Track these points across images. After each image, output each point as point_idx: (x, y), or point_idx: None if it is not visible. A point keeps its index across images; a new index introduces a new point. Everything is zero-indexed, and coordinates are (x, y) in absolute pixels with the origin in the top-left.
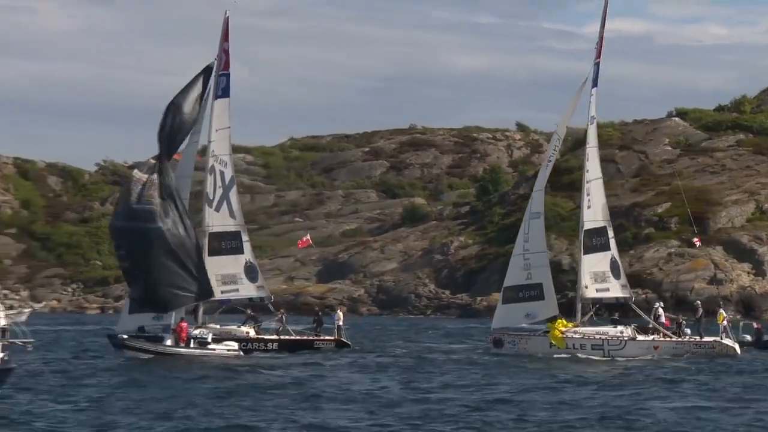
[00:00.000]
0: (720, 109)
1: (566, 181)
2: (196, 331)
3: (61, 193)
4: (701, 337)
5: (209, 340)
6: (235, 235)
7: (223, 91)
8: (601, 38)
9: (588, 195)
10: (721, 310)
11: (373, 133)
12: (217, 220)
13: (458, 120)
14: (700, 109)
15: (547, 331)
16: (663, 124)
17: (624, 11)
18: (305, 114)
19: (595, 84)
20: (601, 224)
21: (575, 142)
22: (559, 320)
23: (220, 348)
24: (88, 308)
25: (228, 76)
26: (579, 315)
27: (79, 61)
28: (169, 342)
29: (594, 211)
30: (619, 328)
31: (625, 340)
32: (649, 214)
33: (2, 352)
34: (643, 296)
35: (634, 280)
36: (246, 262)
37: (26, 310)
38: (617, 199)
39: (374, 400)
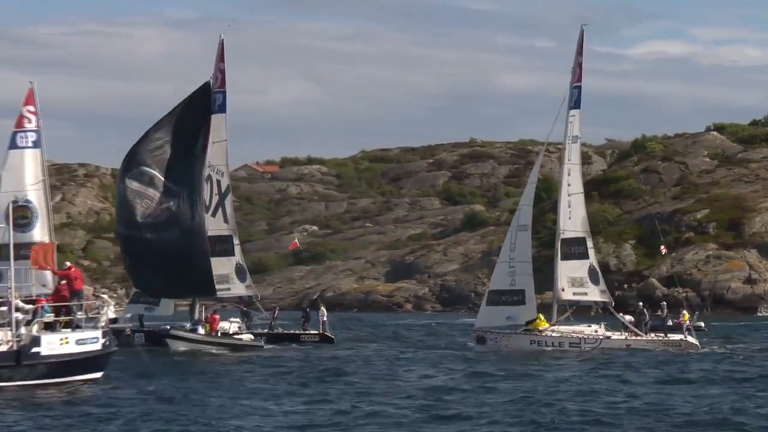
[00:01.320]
0: (754, 123)
1: (613, 190)
2: (224, 323)
3: None
4: (665, 335)
5: (237, 330)
6: (228, 239)
7: (219, 107)
8: (579, 65)
9: (569, 207)
10: (684, 311)
11: (436, 146)
12: (213, 225)
13: (514, 134)
14: (736, 123)
15: (528, 329)
16: (702, 137)
17: (666, 35)
18: (375, 129)
19: (577, 105)
20: (580, 235)
21: (621, 155)
22: (539, 319)
23: (246, 337)
24: (179, 305)
25: (224, 93)
26: (555, 315)
27: (167, 81)
28: (202, 332)
29: (574, 222)
30: (593, 327)
31: (600, 338)
32: (689, 219)
33: (104, 338)
34: (684, 294)
35: (675, 280)
36: (236, 264)
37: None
38: (660, 206)
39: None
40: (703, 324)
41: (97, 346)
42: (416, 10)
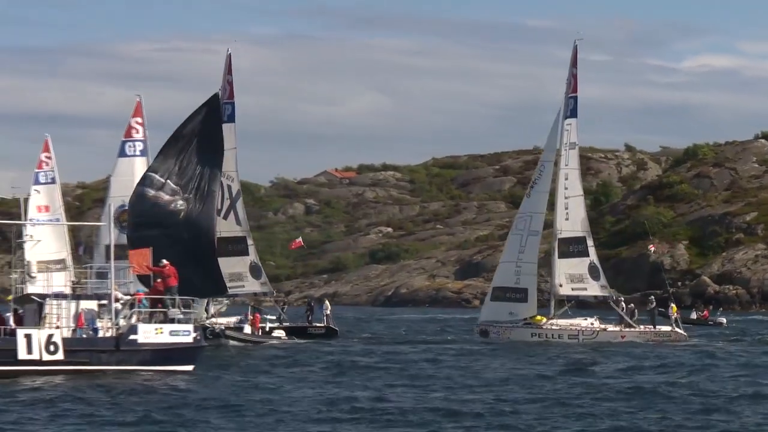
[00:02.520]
0: None
1: (667, 194)
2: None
3: None
4: (654, 327)
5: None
6: (242, 240)
7: (229, 117)
8: (573, 76)
9: (566, 209)
10: (673, 304)
11: (502, 153)
12: (225, 227)
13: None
14: None
15: (528, 323)
16: (751, 145)
17: (716, 49)
18: (444, 138)
19: (573, 115)
20: (580, 234)
21: (675, 161)
22: (538, 317)
23: (280, 335)
24: (263, 301)
25: (233, 104)
26: (553, 309)
27: (252, 94)
28: (248, 330)
29: (572, 223)
30: (589, 320)
31: (597, 331)
32: (739, 221)
33: (195, 332)
34: (734, 292)
35: (726, 278)
36: (251, 263)
37: (225, 301)
38: (712, 209)
39: None
40: (724, 320)
41: (189, 339)
42: (480, 27)
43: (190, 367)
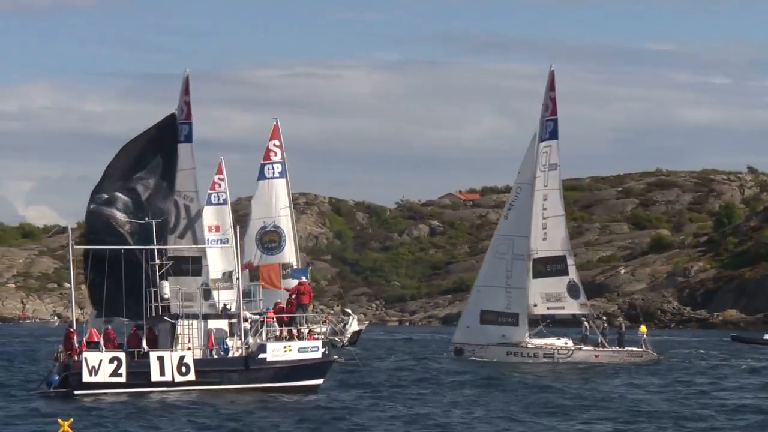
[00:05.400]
0: None
1: None
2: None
3: (367, 226)
4: (622, 347)
5: None
6: (197, 260)
7: (186, 137)
8: (551, 100)
9: (544, 229)
10: (642, 325)
11: (624, 175)
12: (181, 246)
13: (697, 164)
14: None
15: (503, 343)
16: None
17: None
18: (566, 160)
19: (553, 137)
20: (559, 253)
21: None
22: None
23: None
24: (388, 321)
25: (191, 125)
26: (525, 329)
27: (377, 118)
28: None
29: (551, 242)
30: (563, 339)
31: (572, 350)
32: None
33: (324, 347)
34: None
35: None
36: (202, 284)
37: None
38: None
39: None
40: None
41: (318, 355)
42: (601, 52)
43: (319, 381)
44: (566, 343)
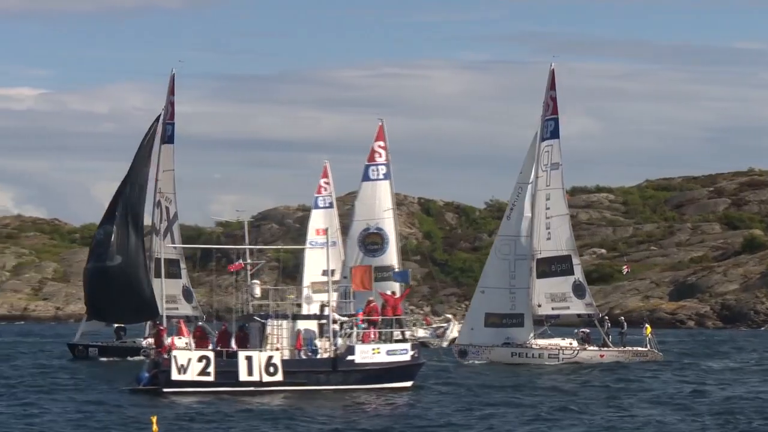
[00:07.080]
0: None
1: None
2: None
3: (456, 226)
4: (624, 347)
5: None
6: (175, 263)
7: (169, 138)
8: (552, 98)
9: (548, 229)
10: (647, 324)
11: (716, 175)
12: (165, 248)
13: None
14: None
15: (507, 343)
16: None
17: None
18: (655, 160)
19: (553, 136)
20: (565, 253)
21: None
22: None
23: None
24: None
25: (173, 125)
26: (531, 329)
27: (461, 119)
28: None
29: (556, 242)
30: (568, 340)
31: (577, 350)
32: None
33: (413, 350)
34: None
35: None
36: (183, 286)
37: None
38: None
39: None
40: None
41: (407, 357)
42: (686, 51)
43: (408, 384)
44: (571, 344)
